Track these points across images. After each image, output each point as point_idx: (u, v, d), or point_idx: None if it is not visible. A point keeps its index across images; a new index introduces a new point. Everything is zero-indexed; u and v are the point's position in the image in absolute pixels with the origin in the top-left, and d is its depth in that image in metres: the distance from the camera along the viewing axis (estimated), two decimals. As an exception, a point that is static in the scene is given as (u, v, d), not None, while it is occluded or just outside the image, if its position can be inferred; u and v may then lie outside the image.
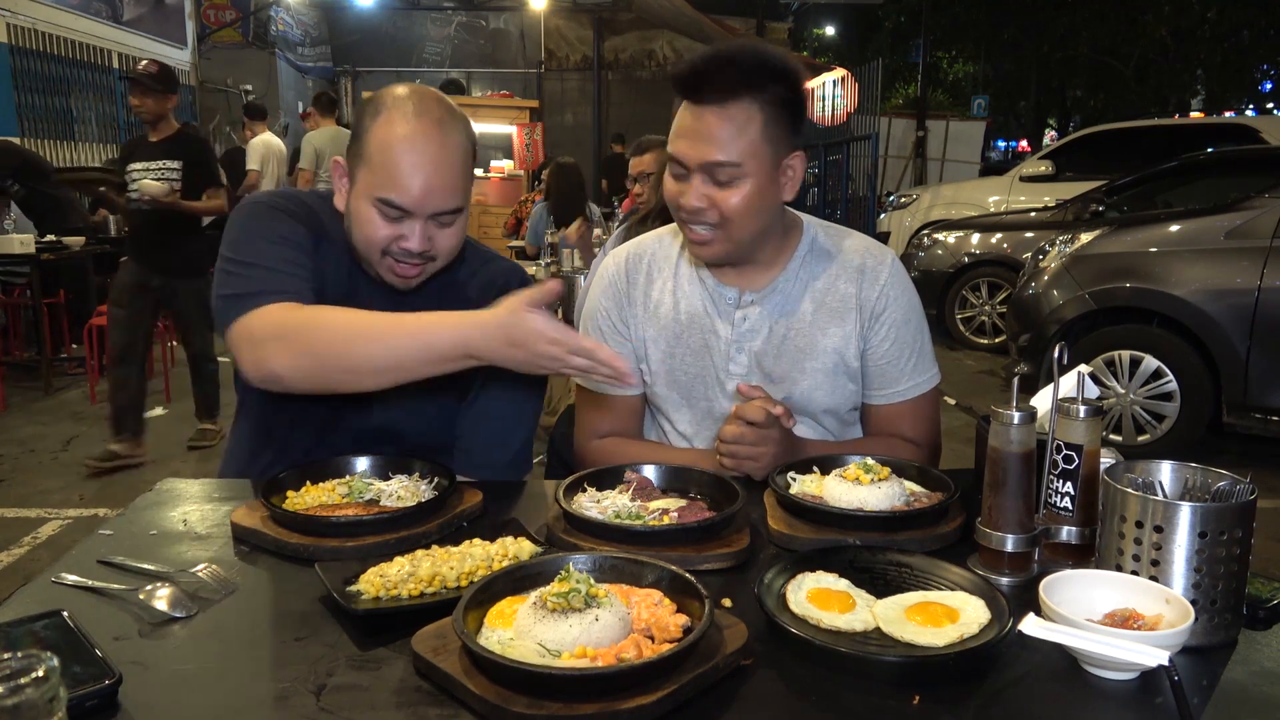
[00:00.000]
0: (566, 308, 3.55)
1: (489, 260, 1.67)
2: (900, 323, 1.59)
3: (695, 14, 12.06)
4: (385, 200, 1.40)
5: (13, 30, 8.52)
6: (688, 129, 1.47)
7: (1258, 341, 4.21)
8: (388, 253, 1.45)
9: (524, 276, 1.67)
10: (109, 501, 4.09)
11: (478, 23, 16.00)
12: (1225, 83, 20.63)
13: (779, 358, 1.59)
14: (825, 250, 1.62)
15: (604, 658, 0.87)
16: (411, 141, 1.40)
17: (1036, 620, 0.92)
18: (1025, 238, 7.14)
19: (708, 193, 1.47)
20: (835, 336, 1.58)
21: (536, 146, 10.98)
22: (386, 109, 1.43)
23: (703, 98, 1.45)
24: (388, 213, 1.42)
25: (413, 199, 1.40)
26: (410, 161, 1.39)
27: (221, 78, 12.96)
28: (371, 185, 1.42)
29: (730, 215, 1.47)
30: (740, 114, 1.44)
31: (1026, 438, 1.11)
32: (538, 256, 5.54)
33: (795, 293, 1.60)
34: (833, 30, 26.53)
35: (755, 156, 1.45)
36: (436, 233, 1.45)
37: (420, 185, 1.40)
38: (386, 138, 1.40)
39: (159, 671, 0.93)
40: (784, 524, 1.25)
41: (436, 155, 1.41)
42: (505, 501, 1.42)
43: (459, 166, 1.44)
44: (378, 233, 1.43)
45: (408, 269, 1.46)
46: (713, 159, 1.44)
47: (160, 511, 1.36)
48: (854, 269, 1.60)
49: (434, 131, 1.41)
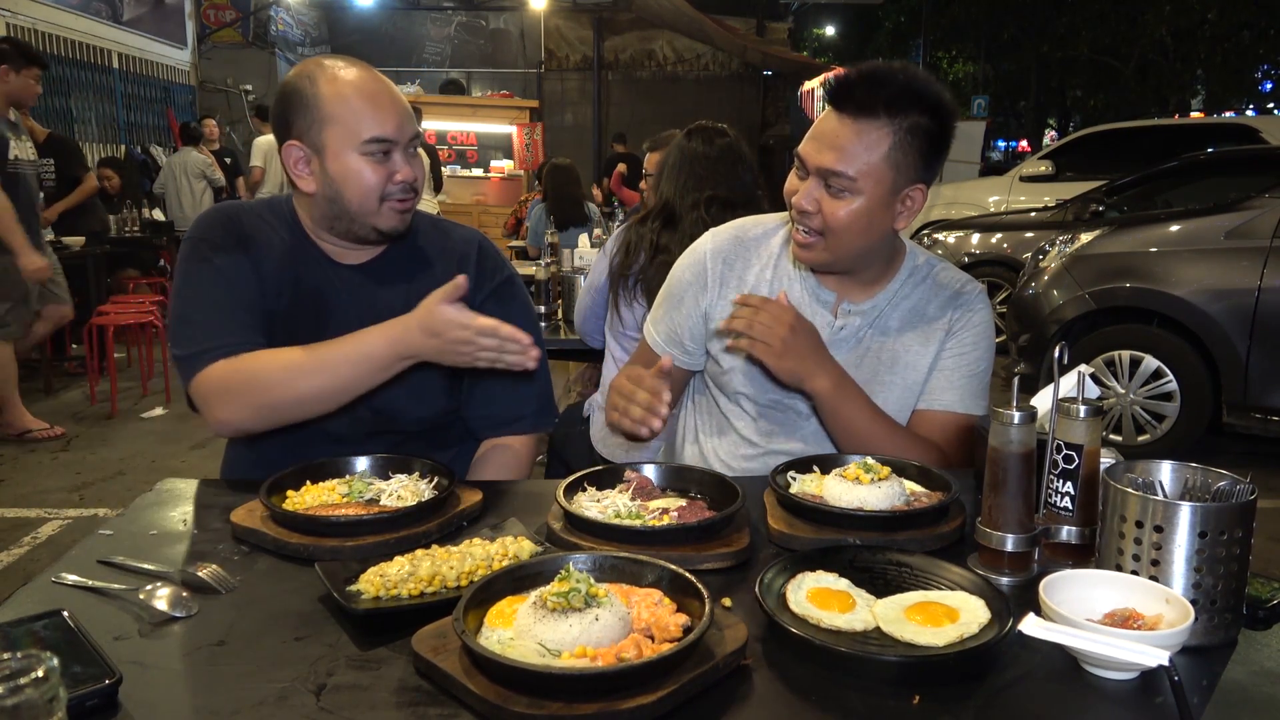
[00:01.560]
0: (566, 306, 3.55)
1: (449, 230, 1.73)
2: (969, 346, 1.62)
3: (695, 14, 12.05)
4: (373, 139, 1.48)
5: (13, 30, 8.51)
6: (819, 131, 1.48)
7: (1258, 341, 4.21)
8: (386, 196, 1.51)
9: (483, 241, 1.73)
10: (109, 501, 4.09)
11: (478, 23, 15.99)
12: (1225, 83, 20.62)
13: (859, 368, 1.61)
14: (925, 275, 1.65)
15: (604, 657, 0.87)
16: (365, 82, 1.50)
17: (1036, 620, 0.92)
18: (1025, 238, 7.13)
19: (819, 197, 1.47)
20: (918, 355, 1.61)
21: (536, 146, 10.99)
22: (320, 72, 1.50)
23: (842, 106, 1.45)
24: (375, 153, 1.48)
25: (395, 126, 1.49)
26: (375, 98, 1.49)
27: (221, 78, 12.95)
28: (350, 136, 1.48)
29: (834, 226, 1.47)
30: (872, 132, 1.43)
31: (1026, 438, 1.11)
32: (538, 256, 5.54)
33: (890, 311, 1.63)
34: (833, 30, 26.54)
35: (873, 177, 1.44)
36: (413, 161, 1.54)
37: (394, 113, 1.50)
38: (340, 91, 1.48)
39: (159, 671, 0.93)
40: (784, 523, 1.25)
41: (388, 88, 1.52)
42: (505, 501, 1.42)
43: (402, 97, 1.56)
44: (372, 178, 1.49)
45: (406, 203, 1.54)
46: (830, 167, 1.44)
47: (160, 511, 1.36)
48: (949, 295, 1.63)
49: (371, 72, 1.53)
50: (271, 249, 1.58)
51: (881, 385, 1.61)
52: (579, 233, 5.00)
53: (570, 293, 3.52)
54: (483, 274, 1.66)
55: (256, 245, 1.58)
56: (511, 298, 1.70)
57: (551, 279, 3.54)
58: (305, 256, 1.59)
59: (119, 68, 10.45)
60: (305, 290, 1.58)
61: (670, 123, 4.58)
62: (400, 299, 1.56)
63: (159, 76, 11.67)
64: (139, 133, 10.87)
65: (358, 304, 1.58)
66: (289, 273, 1.58)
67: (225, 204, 1.73)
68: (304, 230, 1.60)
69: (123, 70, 10.61)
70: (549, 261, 3.64)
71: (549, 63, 15.73)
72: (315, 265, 1.59)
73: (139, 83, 11.08)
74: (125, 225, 7.48)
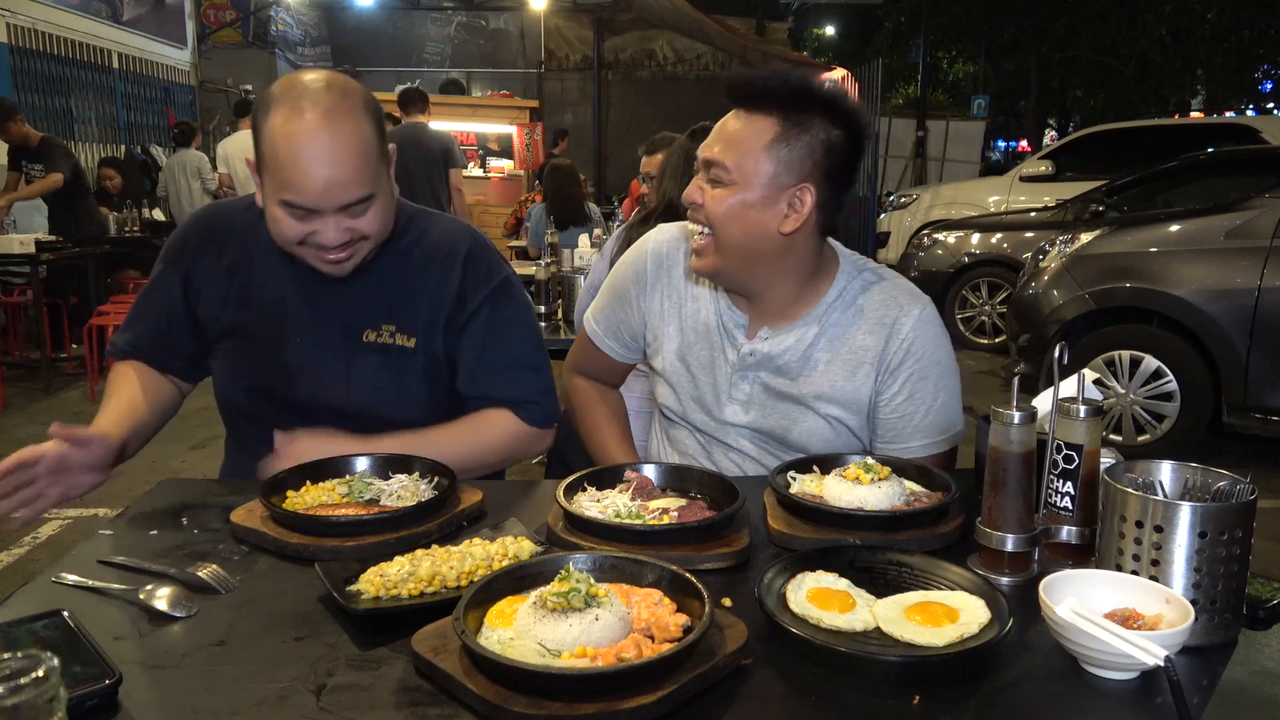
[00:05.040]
0: (566, 306, 3.55)
1: (431, 225, 1.62)
2: (917, 378, 1.49)
3: (695, 14, 12.04)
4: (286, 201, 1.39)
5: (13, 30, 8.51)
6: (716, 128, 1.48)
7: (1258, 341, 4.21)
8: (306, 245, 1.44)
9: (473, 239, 1.63)
10: (109, 501, 4.08)
11: (478, 23, 15.98)
12: (1225, 83, 20.60)
13: (781, 398, 1.55)
14: (854, 301, 1.53)
15: (604, 657, 0.87)
16: (301, 138, 1.35)
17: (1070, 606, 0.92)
18: (1025, 238, 7.13)
19: (703, 187, 1.46)
20: (844, 389, 1.51)
21: (536, 146, 10.98)
22: (276, 103, 1.39)
23: (738, 103, 1.46)
24: (294, 212, 1.40)
25: (314, 197, 1.37)
26: (304, 160, 1.35)
27: (221, 78, 12.95)
28: (273, 187, 1.40)
29: (714, 217, 1.44)
30: (759, 123, 1.42)
31: (1026, 438, 1.11)
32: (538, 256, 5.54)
33: (811, 338, 1.52)
34: (833, 30, 26.54)
35: (749, 169, 1.41)
36: (353, 221, 1.43)
37: (319, 183, 1.36)
38: (277, 137, 1.37)
39: (159, 671, 0.93)
40: (784, 523, 1.25)
41: (329, 149, 1.36)
42: (505, 501, 1.42)
43: (359, 154, 1.39)
44: (289, 231, 1.42)
45: (335, 257, 1.45)
46: (711, 157, 1.45)
47: (160, 511, 1.36)
48: (876, 321, 1.51)
49: (322, 125, 1.36)
50: (246, 255, 1.56)
51: (804, 416, 1.53)
52: (579, 233, 5.00)
53: (570, 293, 3.53)
54: (475, 280, 1.59)
55: (228, 252, 1.57)
56: (509, 302, 1.62)
57: (551, 279, 3.54)
58: (283, 262, 1.54)
59: (119, 68, 10.44)
60: (271, 299, 1.56)
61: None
62: (381, 306, 1.55)
63: (159, 76, 11.67)
64: (139, 133, 10.87)
65: (331, 311, 1.55)
66: (260, 278, 1.56)
67: (211, 207, 1.70)
68: None
69: (123, 70, 10.61)
70: (549, 261, 3.65)
71: (549, 63, 15.72)
72: (290, 270, 1.54)
73: (139, 83, 11.08)
74: (125, 225, 7.48)
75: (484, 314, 1.58)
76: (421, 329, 1.56)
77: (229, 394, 1.63)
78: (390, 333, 1.56)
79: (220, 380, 1.64)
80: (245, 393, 1.61)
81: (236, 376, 1.62)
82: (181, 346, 1.63)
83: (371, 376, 1.55)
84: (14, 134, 6.51)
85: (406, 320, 1.56)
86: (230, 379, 1.63)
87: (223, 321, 1.59)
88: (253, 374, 1.59)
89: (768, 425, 1.56)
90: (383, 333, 1.56)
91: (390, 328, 1.56)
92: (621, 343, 1.73)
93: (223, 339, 1.61)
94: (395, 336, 1.56)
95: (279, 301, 1.56)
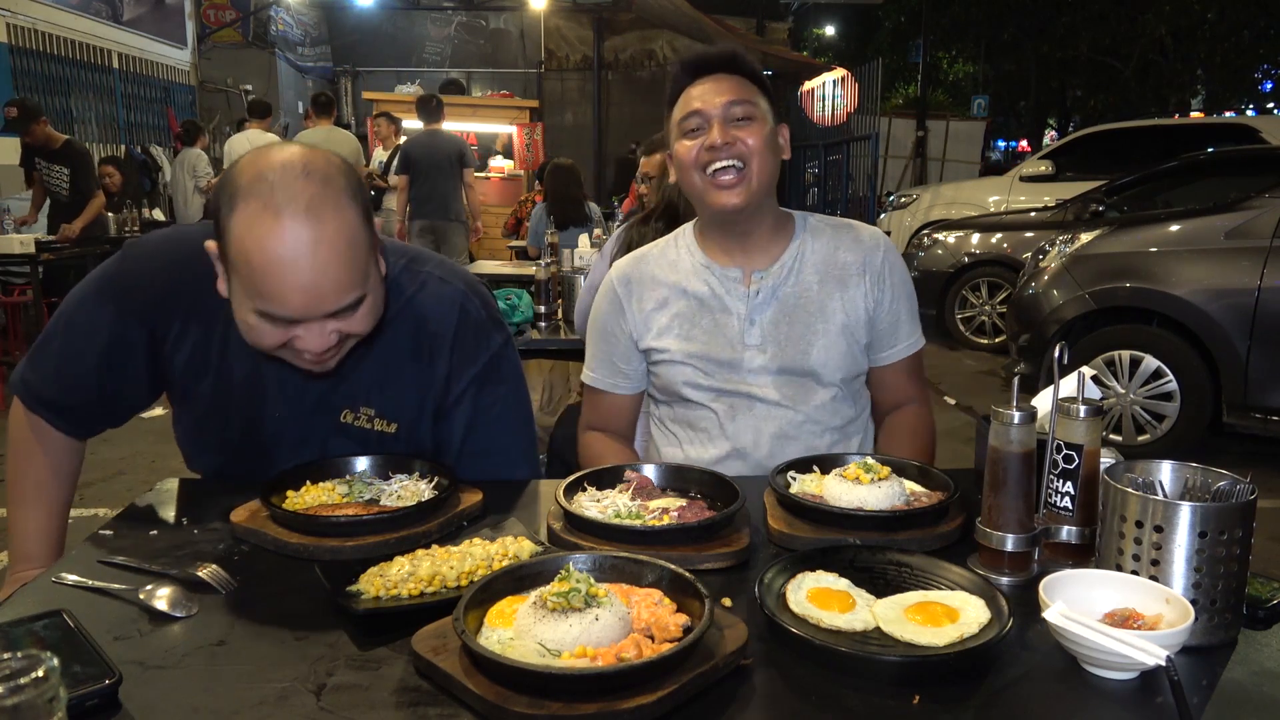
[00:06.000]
0: (566, 306, 3.56)
1: (421, 292, 1.44)
2: (901, 283, 1.72)
3: (695, 14, 12.05)
4: (264, 313, 1.20)
5: (13, 30, 8.52)
6: (701, 91, 1.62)
7: (1258, 341, 4.21)
8: (287, 348, 1.26)
9: (464, 308, 1.46)
10: (109, 501, 4.08)
11: (478, 23, 15.99)
12: (1225, 83, 20.62)
13: (792, 324, 1.67)
14: (820, 228, 1.75)
15: (604, 657, 0.87)
16: (278, 246, 1.15)
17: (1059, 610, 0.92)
18: (1025, 238, 7.13)
19: (734, 131, 1.59)
20: (841, 301, 1.68)
21: (536, 146, 10.98)
22: (243, 196, 1.17)
23: (711, 72, 1.64)
24: (273, 321, 1.21)
25: (296, 310, 1.19)
26: (283, 270, 1.16)
27: (221, 78, 12.96)
28: (245, 294, 1.20)
29: (753, 149, 1.59)
30: (739, 80, 1.64)
31: (1026, 438, 1.11)
32: (538, 256, 5.55)
33: (799, 266, 1.70)
34: (833, 30, 26.53)
35: (764, 107, 1.64)
36: (341, 324, 1.25)
37: (301, 294, 1.18)
38: (248, 241, 1.16)
39: (159, 671, 0.93)
40: (784, 523, 1.25)
41: (312, 258, 1.16)
42: (505, 501, 1.42)
43: (347, 257, 1.19)
44: (267, 340, 1.24)
45: (319, 360, 1.28)
46: (734, 98, 1.60)
47: (160, 511, 1.36)
48: (851, 239, 1.73)
49: (303, 227, 1.15)
50: (220, 319, 1.36)
51: (817, 336, 1.67)
52: (579, 233, 5.00)
53: (570, 293, 3.53)
54: (463, 362, 1.45)
55: (199, 311, 1.38)
56: (499, 382, 1.49)
57: (551, 279, 3.54)
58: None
59: (119, 68, 10.45)
60: (245, 369, 1.40)
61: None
62: (361, 389, 1.43)
63: (159, 76, 11.68)
64: (139, 133, 10.88)
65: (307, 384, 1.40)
66: (236, 344, 1.35)
67: (170, 249, 1.43)
68: None
69: (123, 70, 10.62)
70: (549, 261, 3.65)
71: (549, 63, 15.73)
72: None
73: (139, 83, 11.09)
74: (125, 225, 7.49)
75: (469, 397, 1.47)
76: (405, 417, 1.46)
77: (198, 461, 1.54)
78: (369, 417, 1.44)
79: (186, 444, 1.53)
80: (215, 465, 1.52)
81: (204, 447, 1.51)
82: (121, 404, 1.47)
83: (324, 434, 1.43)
84: (37, 135, 6.56)
85: (389, 406, 1.45)
86: (196, 447, 1.52)
87: (192, 390, 1.44)
88: (224, 448, 1.48)
89: (787, 357, 1.66)
90: (361, 416, 1.44)
91: (369, 412, 1.44)
92: (622, 374, 1.77)
93: (189, 407, 1.47)
94: (374, 421, 1.44)
95: (255, 371, 1.41)
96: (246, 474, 1.45)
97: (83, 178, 6.61)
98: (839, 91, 10.30)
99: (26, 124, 6.51)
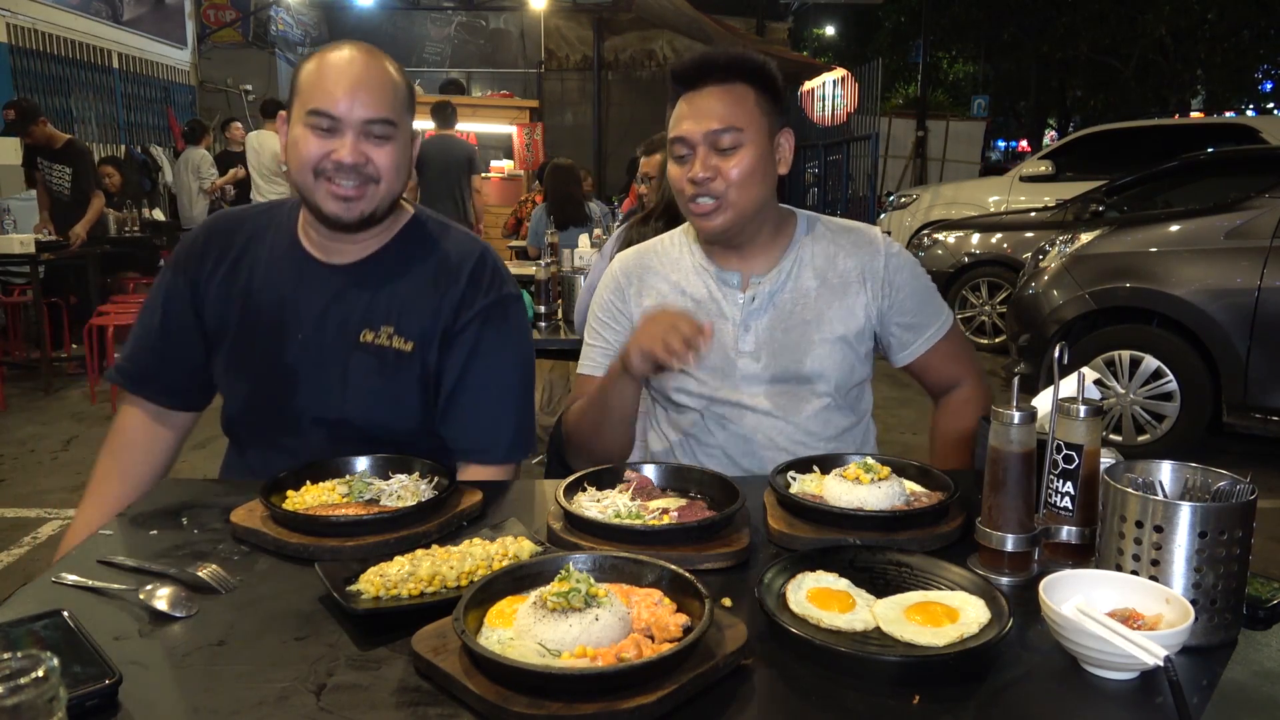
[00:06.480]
0: (566, 307, 3.55)
1: (449, 238, 1.63)
2: (909, 279, 1.70)
3: (695, 14, 12.05)
4: (313, 111, 1.44)
5: (13, 30, 8.52)
6: (690, 111, 1.58)
7: (1258, 341, 4.21)
8: (322, 172, 1.45)
9: (484, 254, 1.62)
10: (109, 501, 4.08)
11: (478, 23, 15.98)
12: (1225, 83, 20.61)
13: (788, 331, 1.65)
14: (821, 232, 1.72)
15: (604, 657, 0.87)
16: (337, 60, 1.46)
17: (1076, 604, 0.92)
18: (1025, 238, 7.14)
19: (713, 163, 1.56)
20: (840, 309, 1.66)
21: (537, 146, 10.99)
22: (318, 51, 1.51)
23: (701, 84, 1.59)
24: (318, 125, 1.44)
25: (338, 103, 1.43)
26: (336, 73, 1.45)
27: (221, 78, 12.95)
28: (300, 106, 1.46)
29: (736, 181, 1.56)
30: (738, 90, 1.58)
31: (1026, 438, 1.11)
32: (538, 256, 5.55)
33: (798, 271, 1.68)
34: (833, 30, 26.54)
35: (754, 125, 1.57)
36: (371, 149, 1.46)
37: (345, 90, 1.43)
38: (316, 65, 1.47)
39: (159, 671, 0.93)
40: (784, 524, 1.25)
41: (362, 70, 1.46)
42: (505, 501, 1.42)
43: (387, 83, 1.48)
44: (310, 150, 1.45)
45: (346, 188, 1.46)
46: (718, 126, 1.55)
47: (160, 511, 1.36)
48: (851, 245, 1.70)
49: (359, 54, 1.47)
50: (251, 255, 1.60)
51: (812, 345, 1.65)
52: (579, 233, 5.01)
53: (570, 293, 3.52)
54: (475, 292, 1.57)
55: (232, 250, 1.60)
56: (505, 321, 1.59)
57: (551, 279, 3.54)
58: (289, 261, 1.58)
59: (119, 68, 10.46)
60: (273, 298, 1.57)
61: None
62: (381, 307, 1.55)
63: (159, 76, 11.68)
64: (139, 133, 10.88)
65: (331, 309, 1.55)
66: (263, 277, 1.58)
67: (224, 213, 1.72)
68: (296, 232, 1.60)
69: (123, 70, 10.62)
70: (549, 261, 3.64)
71: (549, 63, 15.72)
72: (293, 268, 1.57)
73: (139, 83, 11.09)
74: (125, 225, 7.49)
75: (475, 327, 1.55)
76: (420, 336, 1.55)
77: (228, 404, 1.63)
78: (388, 335, 1.54)
79: (221, 385, 1.64)
80: (242, 399, 1.60)
81: (233, 383, 1.61)
82: (187, 360, 1.63)
83: (366, 380, 1.53)
84: (38, 135, 6.56)
85: (406, 324, 1.55)
86: (228, 386, 1.62)
87: (224, 322, 1.59)
88: (250, 378, 1.58)
89: (780, 366, 1.64)
90: (380, 334, 1.54)
91: (389, 329, 1.54)
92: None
93: (223, 341, 1.60)
94: (393, 339, 1.54)
95: (279, 300, 1.56)
96: (269, 403, 1.57)
97: (84, 177, 6.61)
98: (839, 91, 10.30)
99: (25, 125, 6.51)
